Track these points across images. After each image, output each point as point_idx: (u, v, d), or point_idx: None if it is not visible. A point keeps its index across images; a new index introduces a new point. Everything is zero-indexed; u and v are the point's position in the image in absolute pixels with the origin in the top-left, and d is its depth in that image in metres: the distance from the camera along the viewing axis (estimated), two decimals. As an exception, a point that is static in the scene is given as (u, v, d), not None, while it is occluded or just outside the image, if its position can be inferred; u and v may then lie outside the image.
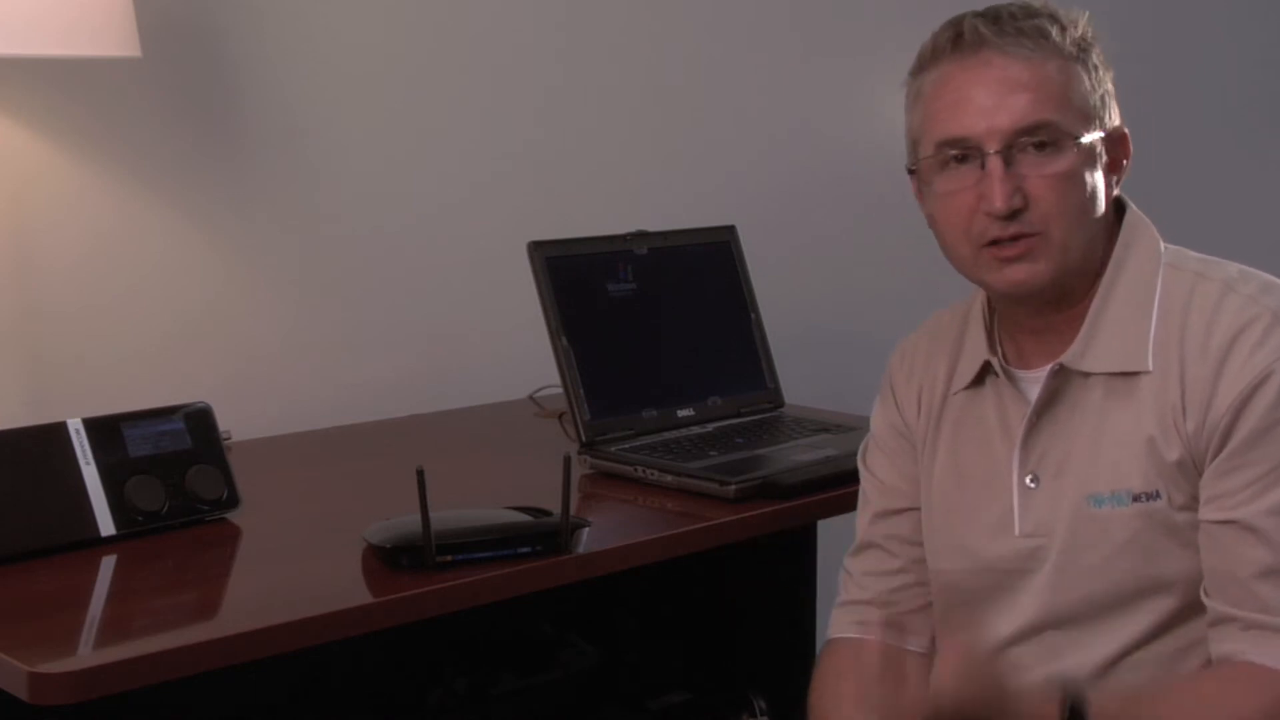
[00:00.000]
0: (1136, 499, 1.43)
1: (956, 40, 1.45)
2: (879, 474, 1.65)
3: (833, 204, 2.83)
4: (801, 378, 2.31)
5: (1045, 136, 1.42)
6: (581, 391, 1.99)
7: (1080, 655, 1.47)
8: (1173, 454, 1.42)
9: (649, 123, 2.63)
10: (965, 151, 1.44)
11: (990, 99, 1.42)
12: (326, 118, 2.30)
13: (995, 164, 1.42)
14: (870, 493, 1.66)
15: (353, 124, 2.32)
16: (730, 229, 2.25)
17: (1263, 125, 3.44)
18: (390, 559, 1.54)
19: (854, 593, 1.64)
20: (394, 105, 2.36)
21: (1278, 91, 3.46)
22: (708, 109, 2.70)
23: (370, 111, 2.34)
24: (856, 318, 2.84)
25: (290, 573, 1.58)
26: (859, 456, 1.69)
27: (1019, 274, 1.44)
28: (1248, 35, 3.41)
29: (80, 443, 1.66)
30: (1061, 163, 1.42)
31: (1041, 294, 1.46)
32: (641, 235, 2.14)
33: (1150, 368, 1.43)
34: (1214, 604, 1.40)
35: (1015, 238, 1.42)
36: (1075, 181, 1.43)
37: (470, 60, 2.43)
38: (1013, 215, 1.42)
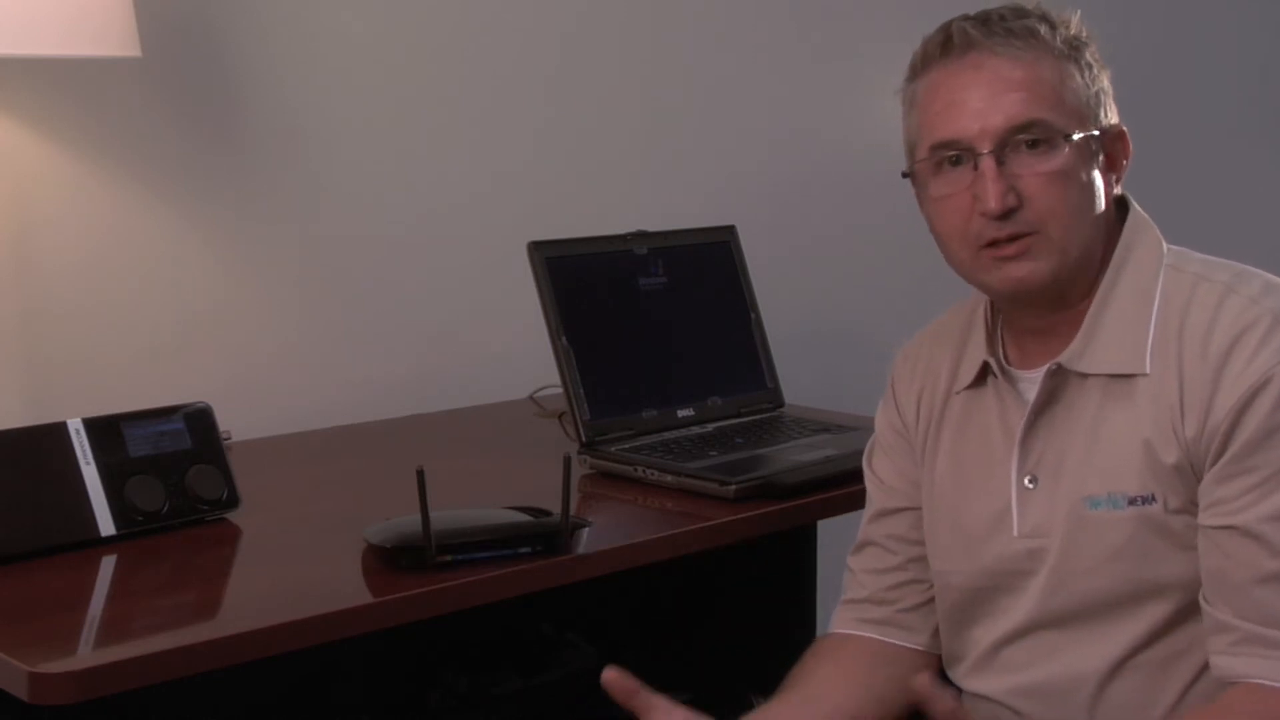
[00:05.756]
0: (1132, 502, 1.42)
1: (946, 44, 1.46)
2: (879, 474, 1.66)
3: (833, 204, 2.83)
4: (801, 378, 2.31)
5: (1038, 134, 1.42)
6: (581, 391, 1.99)
7: (1076, 656, 1.47)
8: (1170, 457, 1.41)
9: (649, 123, 2.63)
10: (959, 153, 1.44)
11: (981, 100, 1.43)
12: (326, 118, 2.30)
13: (988, 164, 1.42)
14: (872, 493, 1.66)
15: (353, 124, 2.32)
16: (730, 229, 2.25)
17: (1264, 124, 3.44)
18: (390, 559, 1.54)
19: (854, 591, 1.65)
20: (394, 105, 2.36)
21: (1278, 90, 3.46)
22: (708, 109, 2.70)
23: (370, 111, 2.34)
24: (856, 318, 2.84)
25: (290, 573, 1.58)
26: (864, 459, 1.69)
27: (1018, 272, 1.44)
28: (1249, 33, 3.41)
29: (80, 443, 1.66)
30: (1055, 160, 1.42)
31: (1041, 292, 1.46)
32: (641, 235, 2.14)
33: (1148, 370, 1.43)
34: (1213, 610, 1.39)
35: (1012, 238, 1.43)
36: (1070, 179, 1.43)
37: (471, 60, 2.43)
38: (1007, 215, 1.42)
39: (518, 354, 2.35)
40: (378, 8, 2.33)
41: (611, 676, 1.41)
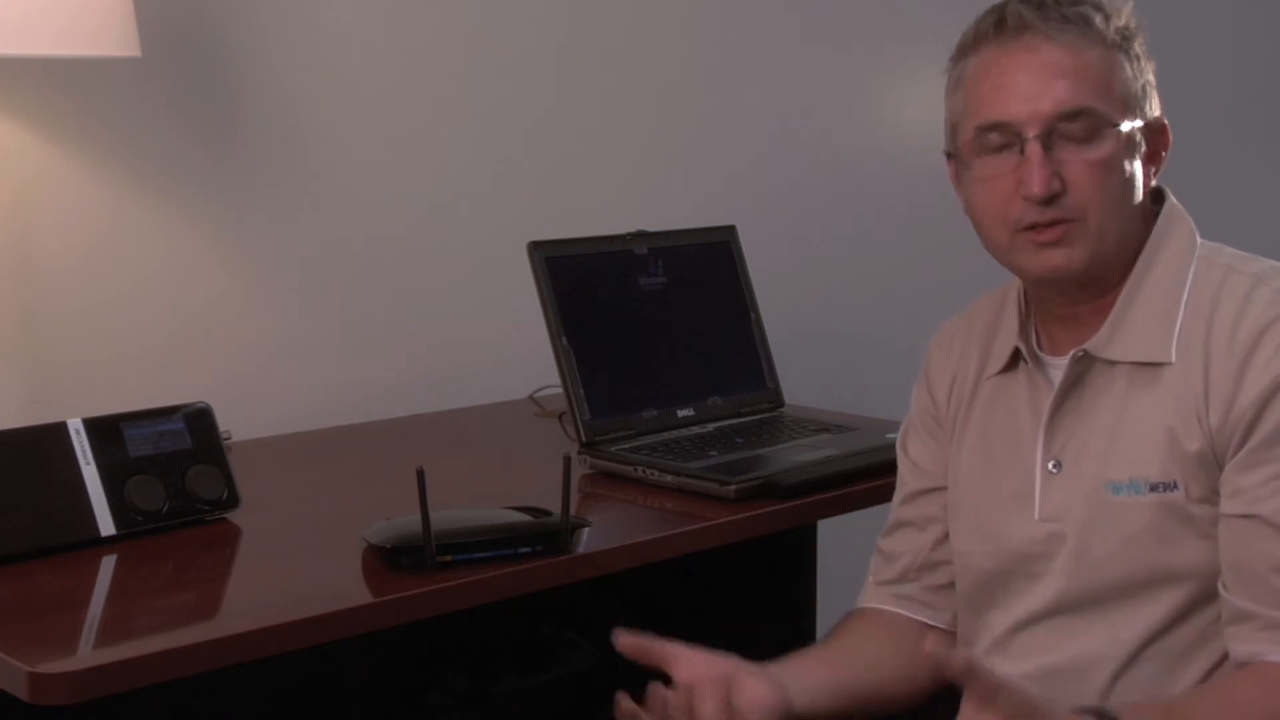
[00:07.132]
0: (1154, 488, 1.43)
1: (999, 25, 1.46)
2: (913, 456, 1.66)
3: (833, 204, 2.83)
4: (801, 378, 2.31)
5: (1086, 123, 1.42)
6: (581, 391, 1.99)
7: (1091, 642, 1.48)
8: (1192, 445, 1.42)
9: (649, 123, 2.63)
10: (1005, 136, 1.44)
11: (1032, 84, 1.43)
12: (326, 118, 2.30)
13: (1035, 149, 1.42)
14: (904, 474, 1.67)
15: (353, 124, 2.32)
16: (730, 229, 2.25)
17: (1264, 124, 3.44)
18: (390, 559, 1.54)
19: (884, 572, 1.65)
20: (394, 105, 2.36)
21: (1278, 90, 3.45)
22: (708, 109, 2.70)
23: (370, 111, 2.34)
24: (856, 318, 2.84)
25: (290, 573, 1.58)
26: (898, 443, 1.69)
27: (1055, 259, 1.45)
28: (1249, 33, 3.41)
29: (80, 443, 1.66)
30: (1101, 149, 1.43)
31: (1075, 279, 1.47)
32: (641, 235, 2.14)
33: (1173, 359, 1.44)
34: (1232, 599, 1.40)
35: (1053, 223, 1.43)
36: (1114, 169, 1.44)
37: (470, 60, 2.43)
38: (1050, 200, 1.42)
39: (518, 354, 2.35)
40: (378, 8, 2.33)
41: (626, 641, 1.44)
